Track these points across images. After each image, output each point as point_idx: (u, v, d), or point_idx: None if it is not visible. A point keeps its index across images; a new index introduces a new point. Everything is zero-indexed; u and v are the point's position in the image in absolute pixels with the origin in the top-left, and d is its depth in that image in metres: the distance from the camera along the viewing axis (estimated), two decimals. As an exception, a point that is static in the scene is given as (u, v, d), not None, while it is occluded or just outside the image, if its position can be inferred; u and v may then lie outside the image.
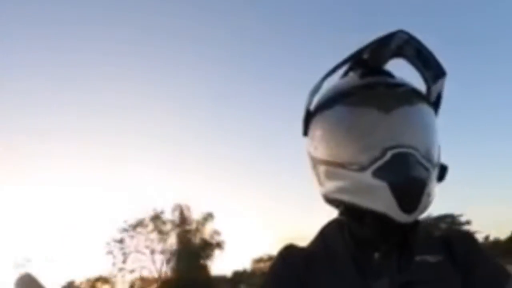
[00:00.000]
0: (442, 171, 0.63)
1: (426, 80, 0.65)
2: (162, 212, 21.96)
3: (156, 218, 21.84)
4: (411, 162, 0.55)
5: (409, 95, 0.63)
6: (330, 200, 0.66)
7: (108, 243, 21.03)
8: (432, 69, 0.63)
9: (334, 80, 0.68)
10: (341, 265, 0.62)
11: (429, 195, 0.58)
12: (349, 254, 0.62)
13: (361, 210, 0.59)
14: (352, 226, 0.64)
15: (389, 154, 0.55)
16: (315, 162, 0.67)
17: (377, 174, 0.56)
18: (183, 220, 22.39)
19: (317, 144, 0.66)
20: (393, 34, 0.59)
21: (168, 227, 22.21)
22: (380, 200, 0.56)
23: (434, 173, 0.60)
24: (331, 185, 0.63)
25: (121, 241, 21.24)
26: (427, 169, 0.57)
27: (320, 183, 0.66)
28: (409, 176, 0.55)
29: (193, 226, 22.64)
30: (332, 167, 0.62)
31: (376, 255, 0.61)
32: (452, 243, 0.65)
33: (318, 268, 0.63)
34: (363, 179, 0.57)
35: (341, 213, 0.67)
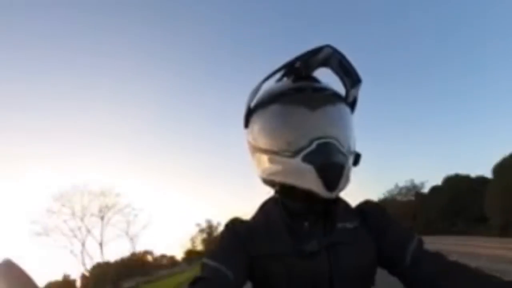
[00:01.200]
0: (357, 158, 0.76)
1: (345, 85, 0.78)
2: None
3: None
4: (333, 149, 0.67)
5: (331, 97, 0.74)
6: (267, 181, 0.78)
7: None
8: (351, 77, 0.76)
9: (271, 83, 0.78)
10: (278, 233, 0.72)
11: (347, 176, 0.70)
12: (284, 224, 0.73)
13: (293, 188, 0.70)
14: (286, 201, 0.75)
15: (315, 143, 0.67)
16: (254, 150, 0.77)
17: (306, 159, 0.66)
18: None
19: (256, 136, 0.75)
20: (321, 48, 0.71)
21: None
22: (308, 180, 0.67)
23: (350, 159, 0.72)
24: (268, 169, 0.74)
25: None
26: (345, 155, 0.69)
27: (258, 168, 0.77)
28: (331, 160, 0.66)
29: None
30: (268, 154, 0.73)
31: (306, 223, 0.72)
32: (366, 212, 0.79)
33: (259, 237, 0.73)
34: (294, 164, 0.68)
35: (276, 191, 0.79)
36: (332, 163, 0.66)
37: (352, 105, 0.81)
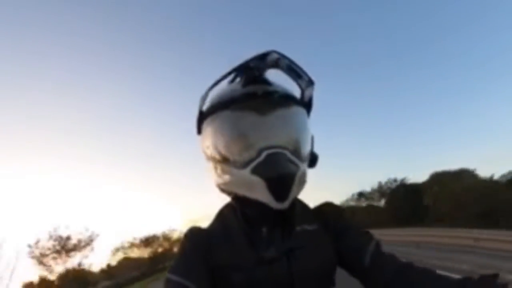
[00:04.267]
0: (314, 159, 0.75)
1: (299, 86, 0.75)
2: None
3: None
4: (282, 160, 0.65)
5: (283, 100, 0.72)
6: (222, 189, 0.76)
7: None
8: (303, 78, 0.74)
9: (223, 85, 0.75)
10: (236, 240, 0.71)
11: (300, 183, 0.70)
12: (242, 232, 0.72)
13: (247, 197, 0.69)
14: (243, 209, 0.74)
15: (264, 154, 0.65)
16: (208, 158, 0.75)
17: (255, 171, 0.65)
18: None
19: (208, 144, 0.73)
20: (267, 53, 0.69)
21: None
22: (259, 192, 0.66)
23: (304, 166, 0.71)
24: (221, 179, 0.73)
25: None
26: (296, 165, 0.67)
27: (213, 176, 0.76)
28: (280, 172, 0.65)
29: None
30: (221, 164, 0.71)
31: (264, 229, 0.71)
32: (325, 214, 0.78)
33: (218, 244, 0.72)
34: (244, 175, 0.67)
35: (233, 199, 0.78)
36: (281, 175, 0.65)
37: (308, 105, 0.79)
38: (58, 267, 21.78)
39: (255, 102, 0.70)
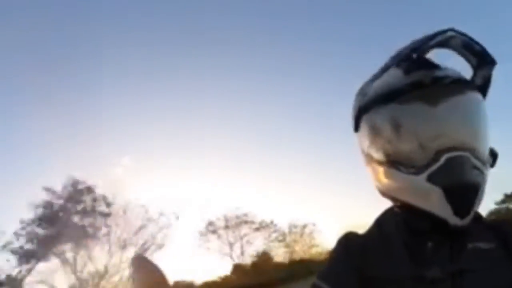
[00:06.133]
0: (494, 158, 0.62)
1: (471, 64, 0.63)
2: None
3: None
4: (466, 166, 0.55)
5: (456, 85, 0.61)
6: (385, 194, 0.68)
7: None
8: (480, 58, 0.62)
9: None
10: (395, 252, 0.63)
11: (482, 196, 0.58)
12: (402, 242, 0.63)
13: (415, 207, 0.60)
14: (407, 217, 0.65)
15: (443, 158, 0.55)
16: (369, 160, 0.68)
17: (432, 178, 0.56)
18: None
19: (369, 143, 0.66)
20: (443, 32, 0.59)
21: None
22: (434, 203, 0.56)
23: (487, 171, 0.59)
24: (386, 183, 0.65)
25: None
26: (481, 172, 0.56)
27: (375, 180, 0.68)
28: (464, 181, 0.55)
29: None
30: (386, 167, 0.63)
31: (429, 244, 0.60)
32: (504, 231, 0.63)
33: (373, 253, 0.65)
34: (417, 183, 0.57)
35: (395, 205, 0.69)
36: (465, 185, 0.55)
37: (484, 88, 0.65)
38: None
39: (423, 92, 0.60)
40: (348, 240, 0.69)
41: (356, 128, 0.71)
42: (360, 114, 0.69)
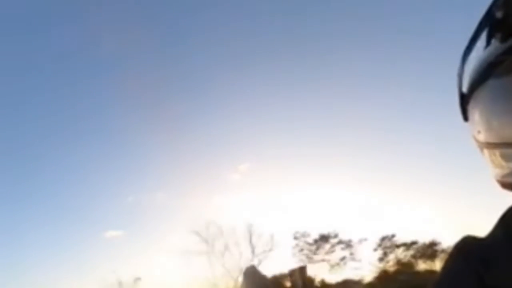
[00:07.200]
0: None
1: None
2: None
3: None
4: None
5: None
6: (505, 184, 0.61)
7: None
8: None
9: (477, 54, 0.62)
10: None
11: None
12: None
13: None
14: None
15: None
16: (482, 147, 0.62)
17: None
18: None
19: (479, 128, 0.61)
20: None
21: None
22: None
23: None
24: (504, 169, 0.58)
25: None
26: None
27: (491, 168, 0.62)
28: None
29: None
30: (501, 148, 0.57)
31: None
32: None
33: (499, 262, 0.58)
34: None
35: None
36: None
37: None
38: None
39: None
40: (467, 245, 0.63)
41: (465, 117, 0.66)
42: (464, 100, 0.64)
